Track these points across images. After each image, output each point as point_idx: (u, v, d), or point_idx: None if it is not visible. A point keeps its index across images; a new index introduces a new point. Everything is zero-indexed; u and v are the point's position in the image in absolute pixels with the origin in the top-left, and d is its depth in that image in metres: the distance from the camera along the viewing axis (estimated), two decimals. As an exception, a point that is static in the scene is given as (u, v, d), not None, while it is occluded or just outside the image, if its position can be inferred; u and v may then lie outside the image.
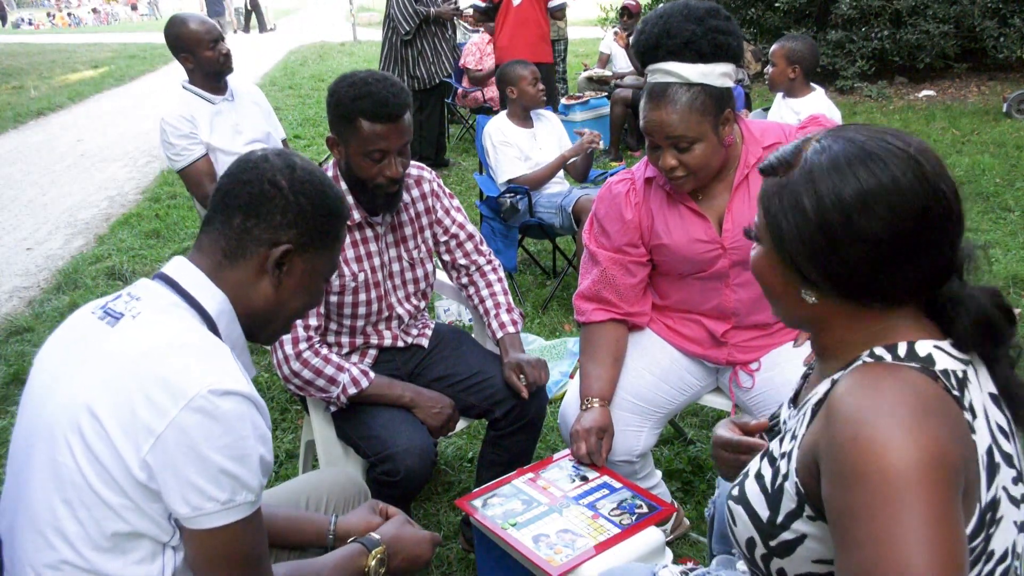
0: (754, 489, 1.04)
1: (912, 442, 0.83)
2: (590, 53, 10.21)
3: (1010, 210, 4.86)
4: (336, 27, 22.94)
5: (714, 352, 2.00)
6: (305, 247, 1.26)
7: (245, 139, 3.35)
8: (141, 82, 13.66)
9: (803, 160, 0.98)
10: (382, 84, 1.88)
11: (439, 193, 2.21)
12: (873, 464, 0.82)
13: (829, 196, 0.93)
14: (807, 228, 0.95)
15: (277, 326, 1.33)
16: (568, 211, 3.76)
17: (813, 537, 0.96)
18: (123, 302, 1.20)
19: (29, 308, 4.13)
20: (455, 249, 2.25)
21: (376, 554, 1.38)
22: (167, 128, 3.22)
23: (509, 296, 2.26)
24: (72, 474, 1.09)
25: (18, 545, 1.16)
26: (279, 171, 1.24)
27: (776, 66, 3.73)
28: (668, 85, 1.75)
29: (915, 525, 0.80)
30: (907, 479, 0.81)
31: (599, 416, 1.88)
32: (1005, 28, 8.22)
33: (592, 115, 7.03)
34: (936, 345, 0.95)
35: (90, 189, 6.64)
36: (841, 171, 0.94)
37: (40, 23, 33.58)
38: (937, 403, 0.89)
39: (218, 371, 1.10)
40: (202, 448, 1.06)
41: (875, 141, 0.96)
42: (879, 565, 0.80)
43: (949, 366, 0.93)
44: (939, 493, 0.81)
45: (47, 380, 1.20)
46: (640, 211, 1.95)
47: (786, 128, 1.93)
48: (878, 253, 0.92)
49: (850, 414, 0.87)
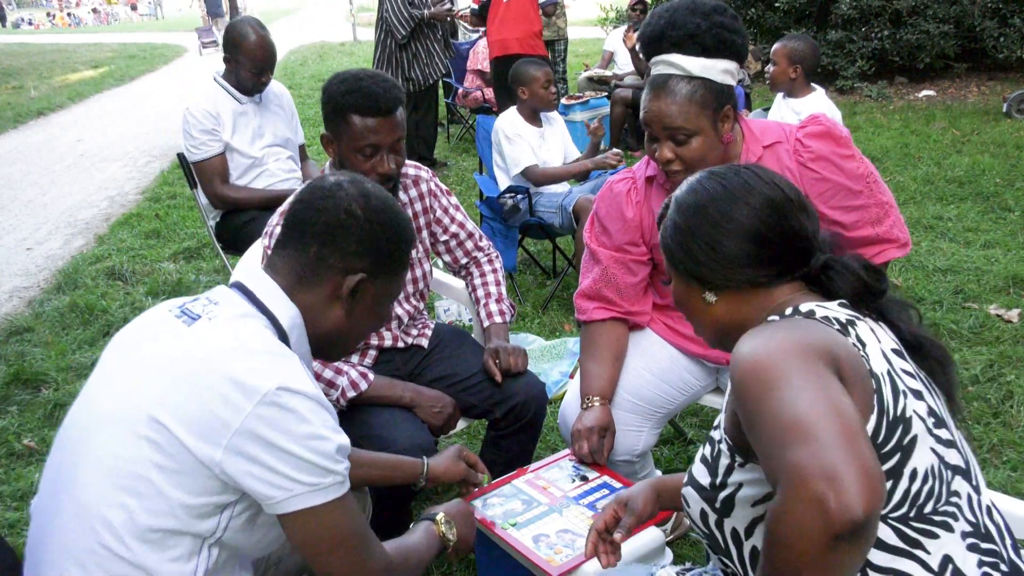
0: (698, 467, 1.16)
1: (779, 339, 0.98)
2: (590, 53, 10.22)
3: (1010, 210, 4.85)
4: (336, 27, 22.95)
5: (715, 352, 2.00)
6: (377, 274, 1.31)
7: (264, 143, 3.37)
8: (141, 82, 13.67)
9: (672, 199, 1.25)
10: (373, 80, 1.88)
11: (437, 193, 2.21)
12: (753, 365, 0.94)
13: (688, 207, 1.20)
14: (682, 236, 1.20)
15: (345, 346, 1.40)
16: (568, 211, 3.76)
17: (747, 483, 1.07)
18: (201, 305, 1.25)
19: (29, 308, 4.12)
20: (455, 248, 2.25)
21: (440, 521, 1.46)
22: (190, 119, 3.25)
23: (502, 287, 2.26)
24: (133, 465, 1.13)
25: (57, 530, 1.18)
26: (354, 200, 1.29)
27: (777, 65, 3.74)
28: (669, 76, 1.76)
29: (796, 388, 0.88)
30: (778, 360, 0.93)
31: (600, 415, 1.88)
32: (1005, 28, 8.22)
33: (592, 115, 7.02)
34: (818, 304, 1.10)
35: (90, 189, 6.64)
36: (694, 189, 1.22)
37: (40, 23, 33.56)
38: (810, 325, 1.04)
39: (289, 372, 1.15)
40: (280, 439, 1.11)
41: (721, 167, 1.24)
42: (779, 432, 0.85)
43: (830, 314, 1.08)
44: (809, 365, 0.92)
45: (115, 371, 1.24)
46: (641, 210, 1.95)
47: (786, 127, 1.93)
48: (737, 235, 1.15)
49: (737, 352, 0.99)
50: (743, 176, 1.19)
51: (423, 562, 1.38)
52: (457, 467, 1.71)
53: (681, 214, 1.21)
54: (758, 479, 1.05)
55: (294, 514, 1.14)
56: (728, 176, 1.20)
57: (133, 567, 1.13)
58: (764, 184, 1.18)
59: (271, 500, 1.13)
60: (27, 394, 3.18)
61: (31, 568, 1.23)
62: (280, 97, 3.49)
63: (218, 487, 1.14)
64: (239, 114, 3.31)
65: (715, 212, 1.17)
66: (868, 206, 1.87)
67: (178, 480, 1.12)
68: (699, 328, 1.28)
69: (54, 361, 3.40)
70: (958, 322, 3.38)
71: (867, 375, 1.01)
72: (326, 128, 1.95)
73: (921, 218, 4.76)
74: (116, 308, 3.91)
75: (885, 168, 5.84)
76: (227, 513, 1.17)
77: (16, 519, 2.41)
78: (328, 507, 1.15)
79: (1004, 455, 2.53)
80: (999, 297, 3.65)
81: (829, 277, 1.14)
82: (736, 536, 1.09)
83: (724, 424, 1.12)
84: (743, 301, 1.18)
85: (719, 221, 1.16)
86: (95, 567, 1.13)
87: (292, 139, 3.51)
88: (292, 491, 1.12)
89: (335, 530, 1.17)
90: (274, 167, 3.40)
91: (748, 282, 1.16)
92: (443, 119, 8.07)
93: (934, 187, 5.36)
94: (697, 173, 1.25)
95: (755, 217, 1.15)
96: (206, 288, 4.17)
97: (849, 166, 1.85)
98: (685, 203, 1.21)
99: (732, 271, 1.16)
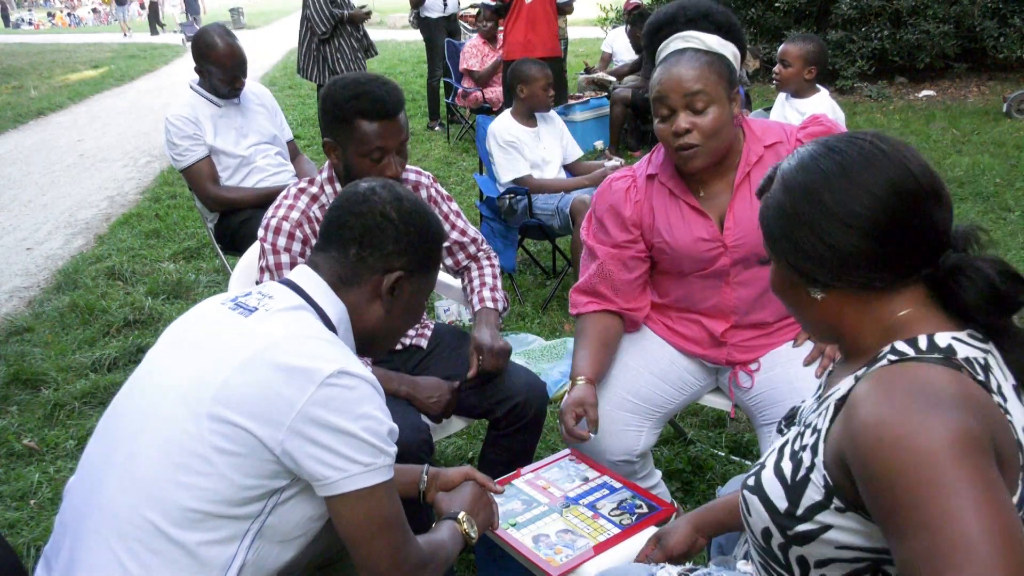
0: (772, 481, 1.05)
1: (935, 424, 0.85)
2: (590, 53, 10.21)
3: (1010, 210, 4.86)
4: (336, 27, 22.90)
5: (713, 352, 2.00)
6: (413, 272, 1.40)
7: (249, 142, 3.37)
8: (141, 82, 13.66)
9: (779, 172, 1.07)
10: (376, 83, 1.88)
11: (437, 199, 2.20)
12: (904, 457, 0.84)
13: (798, 188, 1.02)
14: (788, 223, 1.02)
15: (384, 344, 1.49)
16: (565, 212, 3.76)
17: (839, 528, 0.97)
18: (255, 298, 1.33)
19: (29, 308, 4.12)
20: (457, 252, 2.25)
21: (462, 520, 1.50)
22: (171, 128, 3.26)
23: (499, 281, 2.25)
24: (194, 444, 1.17)
25: (100, 505, 1.21)
26: (389, 203, 1.38)
27: (791, 66, 3.72)
28: (685, 50, 1.79)
29: (961, 499, 0.80)
30: (940, 459, 0.82)
31: (583, 392, 1.85)
32: (1005, 28, 8.22)
33: (592, 115, 7.02)
34: (955, 336, 0.97)
35: (90, 189, 6.64)
36: (805, 166, 1.03)
37: (40, 23, 33.56)
38: (955, 387, 0.90)
39: (347, 358, 1.23)
40: (340, 420, 1.17)
41: (837, 138, 1.04)
42: (939, 546, 0.80)
43: (970, 354, 0.95)
44: (974, 464, 0.83)
45: (174, 358, 1.29)
46: (641, 208, 1.95)
47: (787, 128, 1.93)
48: (856, 229, 0.97)
49: (869, 418, 0.89)
50: (866, 153, 0.99)
51: (449, 560, 1.42)
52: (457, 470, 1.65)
53: (788, 194, 1.03)
54: (856, 530, 0.96)
55: (347, 495, 1.19)
56: (848, 153, 1.00)
57: (174, 545, 1.16)
58: (891, 165, 0.97)
59: (327, 480, 1.18)
60: (27, 394, 3.18)
61: (62, 538, 1.26)
62: (260, 96, 3.49)
63: (273, 471, 1.19)
64: (219, 116, 3.32)
65: (829, 199, 0.98)
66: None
67: (237, 462, 1.17)
68: (803, 323, 1.13)
69: (54, 361, 3.40)
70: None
71: (1015, 447, 0.91)
72: (327, 134, 1.93)
73: (921, 218, 4.76)
74: (116, 308, 3.90)
75: (885, 168, 5.84)
76: (273, 500, 1.22)
77: (16, 519, 2.41)
78: (378, 489, 1.21)
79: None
80: (999, 297, 3.65)
81: (958, 282, 0.97)
82: (803, 563, 1.03)
83: (825, 457, 0.98)
84: (855, 304, 1.02)
85: (834, 210, 0.98)
86: (136, 542, 1.17)
87: (279, 135, 3.51)
88: (348, 471, 1.18)
89: (382, 514, 1.22)
90: (263, 163, 3.40)
91: (863, 285, 1.00)
92: (443, 119, 8.08)
93: (934, 187, 5.36)
94: (809, 145, 1.06)
95: (878, 208, 0.96)
96: (206, 288, 4.19)
97: None
98: (794, 182, 1.02)
99: (845, 270, 0.99)
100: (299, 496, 1.24)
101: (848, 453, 0.92)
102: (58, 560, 1.25)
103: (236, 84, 3.30)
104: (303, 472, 1.19)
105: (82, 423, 2.94)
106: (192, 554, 1.17)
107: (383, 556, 1.23)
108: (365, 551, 1.22)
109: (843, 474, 0.94)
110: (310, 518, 1.28)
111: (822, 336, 1.15)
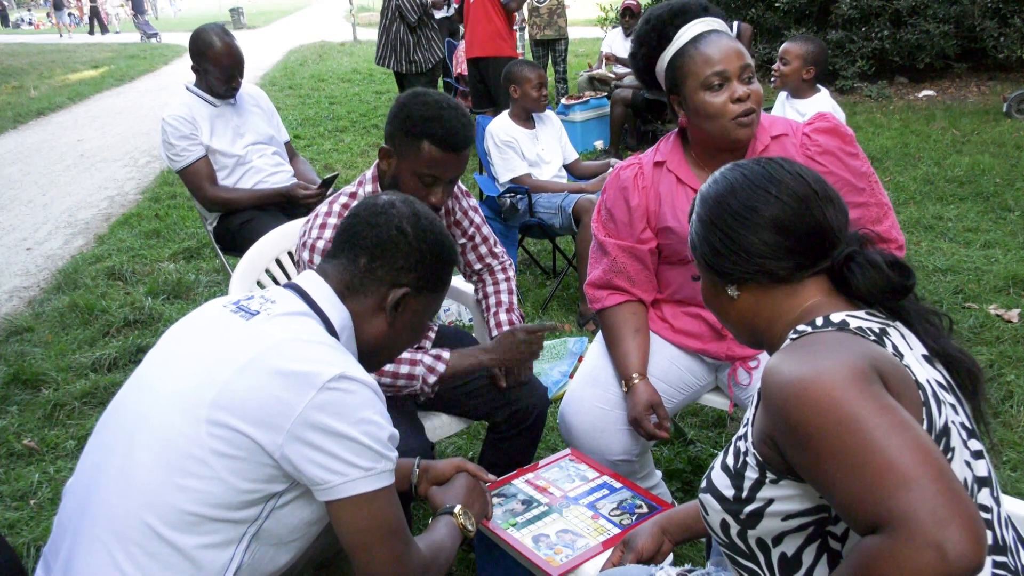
0: (720, 475, 1.13)
1: (829, 367, 0.93)
2: (590, 53, 10.21)
3: (1010, 210, 4.85)
4: (336, 27, 22.95)
5: (713, 346, 2.00)
6: (420, 290, 1.39)
7: (246, 142, 3.37)
8: (141, 82, 13.66)
9: (697, 194, 1.23)
10: (454, 112, 1.86)
11: (458, 194, 2.19)
12: (812, 404, 0.91)
13: (710, 198, 1.19)
14: (704, 229, 1.18)
15: (382, 357, 1.47)
16: (568, 212, 3.76)
17: (779, 499, 1.04)
18: (258, 302, 1.32)
19: (29, 308, 4.12)
20: (470, 252, 2.24)
21: (458, 514, 1.50)
22: (167, 128, 3.25)
23: (514, 296, 2.25)
24: (192, 447, 1.16)
25: (99, 505, 1.20)
26: (405, 218, 1.38)
27: (790, 64, 3.73)
28: (716, 30, 1.82)
29: (874, 428, 0.87)
30: (844, 396, 0.90)
31: (644, 391, 1.88)
32: (1005, 28, 8.22)
33: (592, 115, 7.03)
34: (849, 314, 1.08)
35: (90, 189, 6.65)
36: (715, 180, 1.21)
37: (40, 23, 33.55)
38: (847, 340, 1.01)
39: (347, 362, 1.23)
40: (339, 424, 1.17)
41: (746, 160, 1.21)
42: (871, 477, 0.86)
43: (864, 324, 1.06)
44: (873, 394, 0.90)
45: (175, 359, 1.29)
46: (648, 195, 1.96)
47: (792, 123, 1.95)
48: (757, 225, 1.13)
49: (775, 382, 0.97)
50: (766, 167, 1.17)
51: (449, 559, 1.42)
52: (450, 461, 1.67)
53: (704, 206, 1.19)
54: (793, 495, 1.03)
55: (347, 500, 1.18)
56: (750, 167, 1.18)
57: (171, 548, 1.16)
58: (788, 175, 1.15)
59: (327, 485, 1.17)
60: (27, 394, 3.18)
61: (60, 540, 1.26)
62: (256, 98, 3.50)
63: (271, 475, 1.18)
64: (215, 116, 3.32)
65: (736, 203, 1.15)
66: (869, 204, 1.88)
67: (235, 466, 1.16)
68: (728, 326, 1.25)
69: (54, 361, 3.40)
70: (958, 322, 3.38)
71: (914, 386, 0.99)
72: (389, 142, 1.91)
73: (921, 218, 4.76)
74: (116, 308, 3.90)
75: (885, 168, 5.84)
76: (270, 504, 1.21)
77: (16, 519, 2.41)
78: (379, 495, 1.20)
79: (1004, 455, 2.53)
80: (999, 297, 3.66)
81: (851, 270, 1.10)
82: (762, 544, 1.08)
83: (752, 439, 1.08)
84: (766, 296, 1.15)
85: (740, 212, 1.14)
86: (133, 544, 1.16)
87: (275, 136, 3.51)
88: (348, 476, 1.17)
89: (384, 519, 1.21)
90: (260, 163, 3.40)
91: (768, 274, 1.13)
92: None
93: (934, 187, 5.36)
94: (722, 167, 1.23)
95: (777, 207, 1.12)
96: (206, 288, 4.19)
97: (854, 163, 1.87)
98: (707, 195, 1.19)
99: (750, 262, 1.13)
100: (297, 500, 1.24)
101: (768, 424, 1.00)
102: (57, 561, 1.24)
103: (233, 83, 3.30)
104: (303, 477, 1.18)
105: (82, 423, 2.94)
106: (189, 557, 1.17)
107: (384, 563, 1.22)
108: (366, 557, 1.22)
109: (769, 447, 1.02)
110: (308, 522, 1.28)
111: (748, 339, 1.24)
